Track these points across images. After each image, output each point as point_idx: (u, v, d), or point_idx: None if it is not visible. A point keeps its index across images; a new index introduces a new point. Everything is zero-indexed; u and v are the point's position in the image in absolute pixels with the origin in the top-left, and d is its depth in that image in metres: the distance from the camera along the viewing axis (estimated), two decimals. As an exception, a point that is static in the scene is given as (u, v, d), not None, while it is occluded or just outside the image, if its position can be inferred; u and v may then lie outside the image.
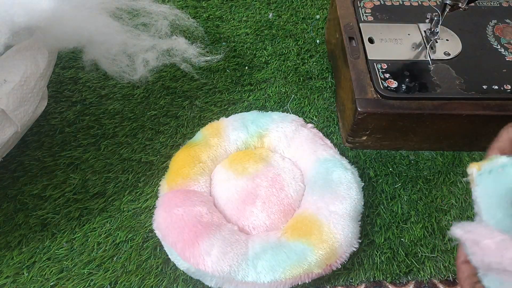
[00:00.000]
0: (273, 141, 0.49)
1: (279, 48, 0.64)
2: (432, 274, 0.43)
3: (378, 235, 0.45)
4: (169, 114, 0.55)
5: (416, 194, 0.48)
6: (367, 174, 0.50)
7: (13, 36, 0.40)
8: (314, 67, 0.61)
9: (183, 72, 0.60)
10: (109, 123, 0.54)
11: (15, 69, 0.41)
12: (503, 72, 0.49)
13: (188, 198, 0.42)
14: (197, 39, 0.64)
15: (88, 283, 0.42)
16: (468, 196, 0.48)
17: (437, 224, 0.46)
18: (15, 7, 0.38)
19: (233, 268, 0.38)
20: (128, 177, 0.49)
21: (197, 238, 0.39)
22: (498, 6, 0.57)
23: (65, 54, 0.61)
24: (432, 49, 0.51)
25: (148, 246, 0.44)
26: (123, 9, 0.60)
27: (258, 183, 0.45)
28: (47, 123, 0.54)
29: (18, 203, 0.47)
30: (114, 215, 0.46)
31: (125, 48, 0.57)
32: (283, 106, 0.57)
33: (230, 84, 0.59)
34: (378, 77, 0.48)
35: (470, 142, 0.51)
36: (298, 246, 0.39)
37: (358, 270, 0.43)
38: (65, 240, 0.44)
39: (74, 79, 0.59)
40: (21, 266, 0.43)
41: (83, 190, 0.48)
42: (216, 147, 0.48)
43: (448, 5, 0.47)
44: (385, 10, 0.56)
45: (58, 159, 0.50)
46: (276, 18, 0.68)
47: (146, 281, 0.42)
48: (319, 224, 0.41)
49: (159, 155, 0.51)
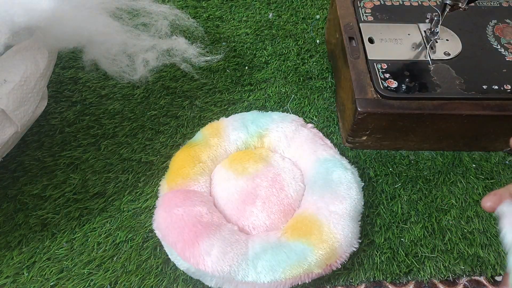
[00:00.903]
0: (273, 141, 0.49)
1: (279, 48, 0.64)
2: (432, 274, 0.43)
3: (378, 235, 0.45)
4: (169, 114, 0.55)
5: (416, 194, 0.48)
6: (367, 174, 0.50)
7: (13, 36, 0.40)
8: (314, 67, 0.61)
9: (183, 72, 0.60)
10: (109, 123, 0.54)
11: (15, 69, 0.41)
12: (503, 72, 0.49)
13: (188, 198, 0.42)
14: (197, 39, 0.64)
15: (88, 283, 0.42)
16: (468, 196, 0.48)
17: (437, 224, 0.46)
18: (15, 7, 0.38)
19: (233, 268, 0.38)
20: (128, 177, 0.49)
21: (197, 238, 0.39)
22: (498, 6, 0.57)
23: (65, 54, 0.61)
24: (432, 49, 0.51)
25: (148, 246, 0.44)
26: (123, 9, 0.60)
27: (258, 183, 0.45)
28: (47, 123, 0.54)
29: (18, 203, 0.47)
30: (114, 215, 0.46)
31: (125, 48, 0.57)
32: (283, 106, 0.57)
33: (230, 84, 0.59)
34: (378, 77, 0.48)
35: (470, 142, 0.51)
36: (298, 246, 0.39)
37: (358, 270, 0.43)
38: (65, 240, 0.44)
39: (74, 79, 0.59)
40: (21, 266, 0.43)
41: (83, 190, 0.48)
42: (216, 147, 0.48)
43: (448, 5, 0.47)
44: (385, 10, 0.56)
45: (58, 159, 0.50)
46: (276, 18, 0.68)
47: (146, 281, 0.42)
48: (319, 224, 0.41)
49: (159, 155, 0.51)
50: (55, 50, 0.47)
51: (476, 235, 0.45)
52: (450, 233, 0.45)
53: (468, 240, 0.45)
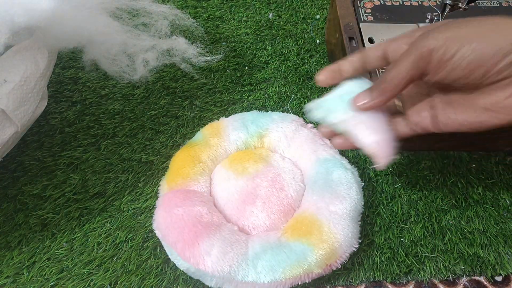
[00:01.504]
0: (273, 141, 0.49)
1: (279, 48, 0.64)
2: (432, 274, 0.43)
3: (378, 235, 0.45)
4: (169, 114, 0.55)
5: (416, 194, 0.48)
6: (367, 174, 0.50)
7: (13, 36, 0.40)
8: (314, 67, 0.61)
9: (183, 72, 0.60)
10: (109, 123, 0.54)
11: (15, 69, 0.41)
12: (503, 72, 0.49)
13: (188, 198, 0.42)
14: (197, 39, 0.64)
15: (88, 283, 0.42)
16: (468, 196, 0.48)
17: (437, 224, 0.46)
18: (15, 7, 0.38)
19: (233, 268, 0.38)
20: (128, 177, 0.49)
21: (197, 238, 0.39)
22: (498, 6, 0.57)
23: (65, 54, 0.61)
24: (432, 49, 0.51)
25: (148, 246, 0.44)
26: (123, 9, 0.60)
27: (258, 183, 0.45)
28: (47, 123, 0.54)
29: (18, 203, 0.47)
30: (114, 215, 0.46)
31: (125, 48, 0.57)
32: (283, 106, 0.57)
33: (230, 84, 0.59)
34: (378, 77, 0.48)
35: (470, 142, 0.51)
36: (298, 246, 0.39)
37: (358, 270, 0.43)
38: (65, 240, 0.44)
39: (74, 79, 0.59)
40: (21, 266, 0.43)
41: (83, 190, 0.48)
42: (216, 147, 0.48)
43: (448, 5, 0.47)
44: (385, 10, 0.56)
45: (58, 159, 0.50)
46: (276, 18, 0.68)
47: (146, 281, 0.42)
48: (319, 224, 0.41)
49: (159, 155, 0.51)
50: (55, 50, 0.47)
51: (476, 235, 0.45)
52: (450, 233, 0.45)
53: (468, 240, 0.45)
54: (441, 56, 0.27)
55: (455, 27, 0.27)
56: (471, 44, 0.26)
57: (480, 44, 0.26)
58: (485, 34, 0.26)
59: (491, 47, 0.25)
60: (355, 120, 0.32)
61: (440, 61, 0.27)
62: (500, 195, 0.48)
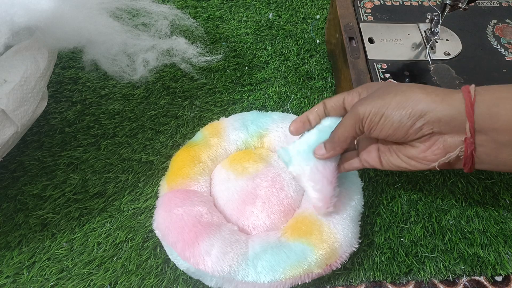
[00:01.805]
0: (273, 141, 0.49)
1: (279, 48, 0.64)
2: (432, 274, 0.43)
3: (378, 235, 0.45)
4: (169, 114, 0.55)
5: (416, 194, 0.48)
6: (367, 174, 0.50)
7: (13, 36, 0.40)
8: (314, 67, 0.61)
9: (183, 72, 0.60)
10: (109, 123, 0.54)
11: (15, 69, 0.41)
12: (503, 72, 0.49)
13: (188, 198, 0.42)
14: (197, 39, 0.64)
15: (88, 283, 0.42)
16: (468, 196, 0.48)
17: (437, 224, 0.46)
18: (15, 7, 0.38)
19: (233, 268, 0.38)
20: (128, 177, 0.49)
21: (197, 238, 0.39)
22: (498, 6, 0.57)
23: (65, 54, 0.61)
24: (432, 49, 0.51)
25: (148, 246, 0.44)
26: (123, 9, 0.60)
27: (258, 183, 0.45)
28: (47, 123, 0.54)
29: (18, 203, 0.47)
30: (114, 215, 0.46)
31: (125, 48, 0.57)
32: (283, 106, 0.57)
33: (230, 84, 0.59)
34: (378, 77, 0.48)
35: (470, 142, 0.51)
36: (298, 246, 0.39)
37: (358, 270, 0.43)
38: (65, 240, 0.44)
39: (74, 79, 0.59)
40: (21, 266, 0.43)
41: (83, 190, 0.48)
42: (216, 147, 0.48)
43: (448, 5, 0.47)
44: (385, 10, 0.56)
45: (58, 159, 0.50)
46: (276, 18, 0.68)
47: (146, 281, 0.42)
48: (319, 224, 0.41)
49: (159, 155, 0.51)
50: (55, 50, 0.47)
51: (476, 235, 0.45)
52: (450, 233, 0.45)
53: (468, 240, 0.45)
54: (369, 122, 0.35)
55: (379, 98, 0.34)
56: (391, 113, 0.33)
57: (397, 112, 0.33)
58: (400, 103, 0.33)
59: (405, 114, 0.33)
60: (305, 177, 0.39)
61: (370, 125, 0.35)
62: (500, 195, 0.48)
